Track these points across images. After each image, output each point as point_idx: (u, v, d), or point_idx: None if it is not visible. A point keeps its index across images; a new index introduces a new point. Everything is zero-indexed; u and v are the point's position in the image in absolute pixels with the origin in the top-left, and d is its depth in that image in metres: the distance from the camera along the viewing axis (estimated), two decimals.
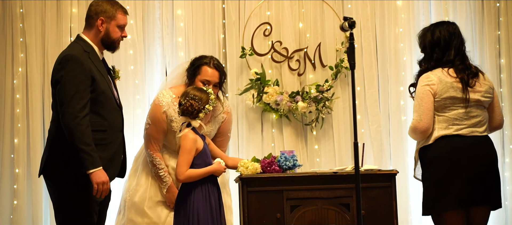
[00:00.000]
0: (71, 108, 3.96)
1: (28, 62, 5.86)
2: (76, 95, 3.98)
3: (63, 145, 4.04)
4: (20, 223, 5.73)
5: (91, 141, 3.97)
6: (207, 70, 4.70)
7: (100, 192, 4.00)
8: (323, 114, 5.97)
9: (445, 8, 6.11)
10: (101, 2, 4.25)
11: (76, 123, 3.95)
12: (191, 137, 4.30)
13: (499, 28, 6.14)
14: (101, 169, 4.00)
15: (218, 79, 4.73)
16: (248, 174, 4.44)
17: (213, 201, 4.32)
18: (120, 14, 4.26)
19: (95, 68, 4.13)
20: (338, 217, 4.45)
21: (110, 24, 4.23)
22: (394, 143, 6.04)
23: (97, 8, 4.23)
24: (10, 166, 5.80)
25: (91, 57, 4.14)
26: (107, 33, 4.22)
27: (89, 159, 3.96)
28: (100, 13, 4.21)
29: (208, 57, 4.79)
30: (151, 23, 5.94)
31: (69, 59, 4.06)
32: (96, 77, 4.09)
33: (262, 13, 6.04)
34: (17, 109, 5.83)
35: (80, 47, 4.16)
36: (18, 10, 5.89)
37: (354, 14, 6.01)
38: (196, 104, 4.27)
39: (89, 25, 4.24)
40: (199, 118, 4.30)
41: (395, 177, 4.55)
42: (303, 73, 6.03)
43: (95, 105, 4.06)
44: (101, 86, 4.11)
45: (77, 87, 3.99)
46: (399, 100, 6.05)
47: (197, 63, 4.74)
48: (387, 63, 6.10)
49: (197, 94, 4.30)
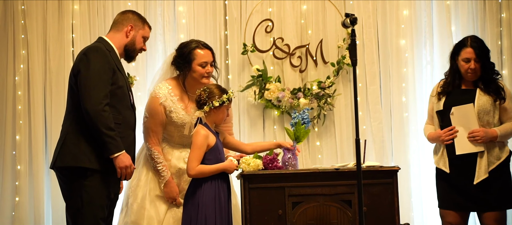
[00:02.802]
0: (96, 95, 4.09)
1: (30, 59, 5.87)
2: (99, 83, 4.12)
3: (79, 136, 4.14)
4: (22, 219, 5.73)
5: (114, 126, 4.11)
6: (201, 53, 4.74)
7: (124, 175, 4.15)
8: (324, 111, 5.96)
9: (447, 4, 6.11)
10: (131, 12, 4.49)
11: (101, 108, 4.08)
12: (202, 133, 4.35)
13: (501, 25, 6.13)
14: (125, 153, 4.14)
15: (212, 58, 4.79)
16: (250, 171, 4.44)
17: (223, 198, 4.35)
18: (147, 27, 4.49)
19: (115, 65, 4.27)
20: (339, 214, 4.45)
21: (138, 33, 4.43)
22: (395, 140, 6.04)
23: (127, 15, 4.45)
24: (12, 162, 5.80)
25: (112, 55, 4.29)
26: (133, 41, 4.41)
27: (113, 143, 4.09)
28: (131, 20, 4.41)
29: (193, 41, 4.85)
30: (152, 19, 5.94)
31: (94, 50, 4.23)
32: (116, 71, 4.24)
33: (264, 9, 6.04)
34: (19, 106, 5.83)
35: (102, 45, 4.31)
36: (20, 7, 5.89)
37: (356, 11, 6.01)
38: (203, 95, 4.37)
39: (116, 30, 4.41)
40: (203, 109, 4.33)
41: (396, 173, 4.55)
42: (304, 70, 6.03)
43: (113, 98, 4.19)
44: (120, 82, 4.25)
45: (100, 75, 4.14)
46: (401, 97, 6.04)
47: (187, 50, 4.76)
48: (388, 60, 6.09)
49: (210, 87, 4.41)
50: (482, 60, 4.81)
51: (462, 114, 4.77)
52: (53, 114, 5.82)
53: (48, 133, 5.85)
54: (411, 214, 5.95)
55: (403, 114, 6.05)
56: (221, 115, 4.43)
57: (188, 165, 4.36)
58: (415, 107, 6.05)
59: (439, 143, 4.91)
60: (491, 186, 4.72)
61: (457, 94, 4.88)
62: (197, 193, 4.33)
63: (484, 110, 4.78)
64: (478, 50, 4.79)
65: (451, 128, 4.80)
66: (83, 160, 4.12)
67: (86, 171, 4.12)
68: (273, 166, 4.52)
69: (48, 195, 5.82)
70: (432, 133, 4.95)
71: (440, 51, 6.08)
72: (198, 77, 4.74)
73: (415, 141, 6.02)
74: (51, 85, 5.86)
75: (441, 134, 4.84)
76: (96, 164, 4.12)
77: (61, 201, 5.72)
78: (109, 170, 4.15)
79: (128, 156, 4.15)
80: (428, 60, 6.10)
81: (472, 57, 4.80)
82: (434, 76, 6.08)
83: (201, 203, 4.31)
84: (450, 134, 4.79)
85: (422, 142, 6.02)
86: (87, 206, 4.12)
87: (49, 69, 5.86)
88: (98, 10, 5.95)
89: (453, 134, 4.79)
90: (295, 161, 4.67)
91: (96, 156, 4.13)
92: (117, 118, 4.19)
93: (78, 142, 4.14)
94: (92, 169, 4.12)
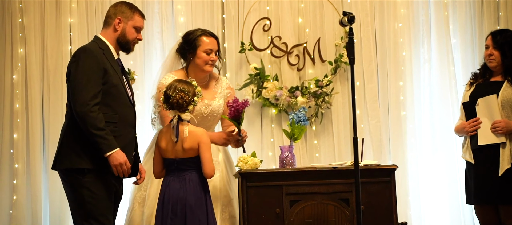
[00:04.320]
0: (82, 97, 4.08)
1: (28, 58, 5.86)
2: (87, 85, 4.10)
3: (74, 137, 4.15)
4: (20, 218, 5.73)
5: (104, 126, 4.09)
6: (206, 40, 4.79)
7: (121, 172, 4.13)
8: (322, 109, 5.97)
9: (444, 2, 6.11)
10: (120, 4, 4.42)
11: (87, 109, 4.06)
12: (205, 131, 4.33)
13: (499, 23, 6.14)
14: (119, 150, 4.11)
15: (218, 47, 4.84)
16: (248, 169, 4.44)
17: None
18: (137, 16, 4.41)
19: (109, 63, 4.24)
20: (337, 212, 4.45)
21: (127, 24, 4.37)
22: (393, 138, 6.04)
23: (115, 8, 4.40)
24: (9, 161, 5.79)
25: (105, 54, 4.27)
26: (123, 33, 4.36)
27: (104, 142, 4.08)
28: (118, 13, 4.37)
29: (198, 29, 4.90)
30: (150, 17, 5.94)
31: (81, 51, 4.21)
32: (108, 70, 4.20)
33: (261, 8, 6.04)
34: (17, 104, 5.82)
35: (96, 44, 4.31)
36: (18, 5, 5.88)
37: (353, 9, 6.01)
38: (186, 97, 4.26)
39: (106, 25, 4.39)
40: (188, 110, 4.29)
41: (394, 172, 4.55)
42: (302, 68, 6.03)
43: (107, 97, 4.17)
44: (113, 80, 4.22)
45: (88, 76, 4.12)
46: (399, 95, 6.04)
47: (192, 37, 4.82)
48: (386, 58, 6.09)
49: (185, 87, 4.28)
50: (502, 48, 4.86)
51: (486, 104, 4.82)
52: (51, 112, 5.82)
53: (46, 131, 5.84)
54: (409, 212, 5.95)
55: (400, 112, 6.05)
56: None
57: (209, 166, 4.25)
58: (412, 105, 6.05)
59: (464, 134, 4.96)
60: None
61: (484, 86, 4.95)
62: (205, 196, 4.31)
63: (508, 102, 4.81)
64: (497, 38, 4.87)
65: (476, 119, 4.84)
66: (79, 162, 4.13)
67: (83, 170, 4.13)
68: (237, 105, 4.54)
69: (46, 194, 5.81)
70: (458, 125, 5.00)
71: (438, 49, 6.08)
72: (201, 64, 4.78)
73: (413, 139, 6.03)
74: (48, 84, 5.85)
75: (466, 125, 4.89)
76: (92, 163, 4.13)
77: (59, 200, 5.76)
78: (106, 168, 4.15)
79: (122, 154, 4.13)
80: (426, 59, 6.11)
81: (490, 44, 4.92)
82: (432, 75, 6.09)
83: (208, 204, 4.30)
84: (474, 124, 4.83)
85: (419, 140, 6.04)
86: (89, 204, 4.13)
87: (47, 67, 5.85)
88: (95, 9, 5.94)
89: (477, 125, 4.82)
90: (292, 159, 4.67)
91: (90, 155, 4.13)
92: (112, 117, 4.18)
93: (74, 143, 4.16)
94: (88, 168, 4.13)
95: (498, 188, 4.75)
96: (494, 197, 4.78)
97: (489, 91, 4.87)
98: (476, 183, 4.86)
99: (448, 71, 6.04)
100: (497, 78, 4.96)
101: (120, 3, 4.43)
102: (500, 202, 4.78)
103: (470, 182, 4.92)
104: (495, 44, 4.89)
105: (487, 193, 4.80)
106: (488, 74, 4.99)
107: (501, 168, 4.75)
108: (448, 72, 6.04)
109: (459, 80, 6.04)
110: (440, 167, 6.00)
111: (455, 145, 5.92)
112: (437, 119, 6.05)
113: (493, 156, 4.79)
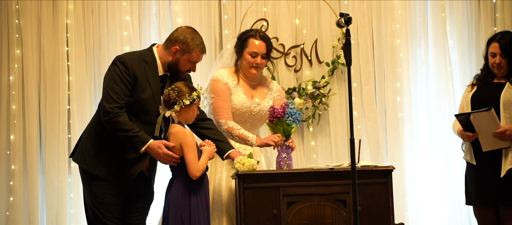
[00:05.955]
0: (105, 106, 4.15)
1: (24, 59, 5.85)
2: (113, 93, 4.16)
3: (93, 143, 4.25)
4: (16, 219, 5.72)
5: (130, 126, 4.14)
6: (254, 42, 4.81)
7: (166, 160, 4.22)
8: (319, 110, 5.97)
9: (441, 4, 6.12)
10: (186, 32, 4.35)
11: (109, 117, 4.14)
12: (188, 132, 4.34)
13: (496, 25, 6.15)
14: (152, 141, 4.18)
15: (266, 50, 4.83)
16: (245, 170, 4.44)
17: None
18: (196, 51, 4.34)
19: (145, 77, 4.24)
20: (334, 213, 4.45)
21: (182, 57, 4.33)
22: (390, 139, 6.05)
23: (179, 35, 4.34)
24: (6, 162, 5.79)
25: (146, 67, 4.27)
26: (176, 62, 4.34)
27: (135, 140, 4.16)
28: (179, 42, 4.31)
29: (253, 30, 4.95)
30: (147, 19, 5.94)
31: (116, 60, 4.25)
32: (139, 82, 4.21)
33: (258, 9, 6.04)
34: (13, 105, 5.82)
35: (141, 55, 4.32)
36: (14, 7, 5.88)
37: (351, 10, 6.01)
38: (173, 94, 4.29)
39: (166, 45, 4.36)
40: (173, 109, 4.30)
41: (391, 173, 4.54)
42: (299, 69, 6.03)
43: (132, 109, 4.22)
44: (142, 95, 4.23)
45: (114, 86, 4.17)
46: (396, 97, 6.05)
47: (244, 37, 4.87)
48: (383, 60, 6.10)
49: (178, 86, 4.32)
50: (509, 55, 4.84)
51: (481, 119, 4.77)
52: (48, 114, 5.81)
53: (42, 132, 5.83)
54: (406, 213, 5.96)
55: (398, 113, 6.05)
56: (192, 113, 4.40)
57: (192, 167, 4.28)
58: (410, 107, 6.05)
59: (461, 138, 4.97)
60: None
61: (487, 87, 4.93)
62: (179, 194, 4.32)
63: (510, 102, 4.80)
64: (504, 45, 4.83)
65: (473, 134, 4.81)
66: (92, 167, 4.24)
67: (93, 175, 4.24)
68: (274, 111, 4.65)
69: (43, 195, 5.80)
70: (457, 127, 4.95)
71: (435, 51, 6.09)
72: (246, 66, 4.83)
73: (410, 141, 6.03)
74: (45, 85, 5.84)
75: (464, 135, 4.87)
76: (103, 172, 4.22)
77: (56, 201, 5.76)
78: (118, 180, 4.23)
79: (156, 142, 4.19)
80: (423, 60, 6.11)
81: (497, 52, 4.87)
82: (429, 76, 6.09)
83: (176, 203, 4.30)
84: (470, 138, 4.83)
85: (416, 142, 6.04)
86: (94, 207, 4.24)
87: (44, 69, 5.85)
88: (92, 10, 5.94)
89: (472, 138, 4.82)
90: (290, 160, 4.67)
91: (103, 165, 4.22)
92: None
93: (91, 145, 4.26)
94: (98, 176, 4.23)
95: (499, 189, 4.75)
96: (495, 198, 4.78)
97: (491, 93, 4.86)
98: (476, 184, 4.86)
99: (445, 73, 6.05)
100: (499, 80, 4.95)
101: (187, 30, 4.36)
102: (500, 203, 4.79)
103: (470, 183, 4.92)
104: (503, 52, 4.84)
105: (488, 194, 4.80)
106: (490, 77, 4.97)
107: (503, 168, 4.75)
108: (445, 74, 6.05)
109: (456, 82, 6.04)
110: (437, 168, 6.01)
111: (452, 146, 5.93)
112: (434, 120, 6.05)
113: (495, 157, 4.79)
